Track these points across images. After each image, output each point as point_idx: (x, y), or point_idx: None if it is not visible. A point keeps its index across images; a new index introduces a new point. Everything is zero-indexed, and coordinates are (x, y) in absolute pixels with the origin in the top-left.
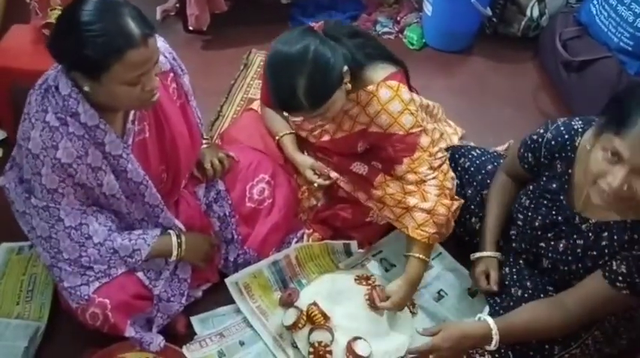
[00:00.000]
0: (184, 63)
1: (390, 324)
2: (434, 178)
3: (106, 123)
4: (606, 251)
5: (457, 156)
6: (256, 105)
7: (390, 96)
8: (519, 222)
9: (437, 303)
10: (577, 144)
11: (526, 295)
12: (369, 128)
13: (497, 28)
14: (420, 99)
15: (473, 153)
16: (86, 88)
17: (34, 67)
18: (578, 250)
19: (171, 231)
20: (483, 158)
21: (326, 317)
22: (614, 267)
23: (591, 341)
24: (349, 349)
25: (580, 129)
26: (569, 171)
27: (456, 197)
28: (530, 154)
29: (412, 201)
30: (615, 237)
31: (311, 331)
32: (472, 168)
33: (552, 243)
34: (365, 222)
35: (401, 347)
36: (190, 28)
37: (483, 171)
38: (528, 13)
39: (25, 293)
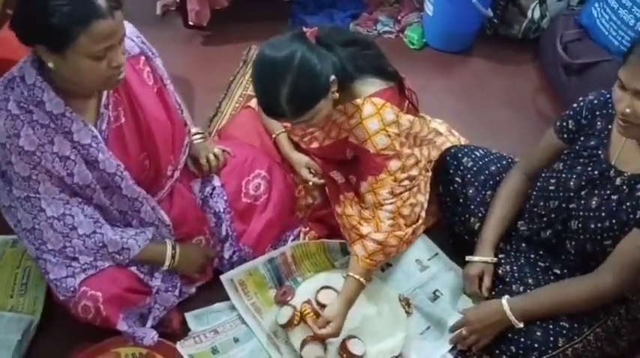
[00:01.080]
0: (184, 58)
1: (385, 324)
2: (391, 204)
3: (73, 111)
4: None
5: (460, 155)
6: (254, 103)
7: (371, 112)
8: (551, 187)
9: (432, 303)
10: None
11: (528, 291)
12: (349, 137)
13: (497, 29)
14: (413, 122)
15: (476, 153)
16: (50, 64)
17: None
18: (613, 204)
19: (167, 241)
20: (487, 159)
21: (319, 315)
22: None
23: (593, 337)
24: (343, 348)
25: None
26: (609, 126)
27: (417, 221)
28: (571, 121)
29: (365, 229)
30: None
31: (303, 344)
32: (475, 168)
33: (584, 201)
34: None
35: (395, 347)
36: (190, 23)
37: (486, 172)
38: (529, 14)
39: (19, 287)
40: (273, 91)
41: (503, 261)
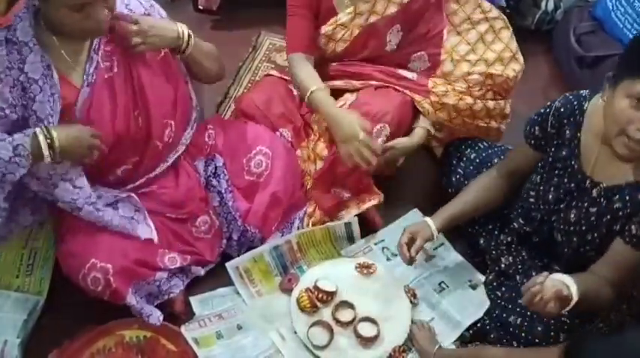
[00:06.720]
0: None
1: (389, 313)
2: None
3: (37, 43)
4: (620, 214)
5: (463, 147)
6: (275, 72)
7: None
8: (531, 199)
9: (438, 295)
10: (585, 108)
11: None
12: None
13: (510, 19)
14: None
15: (480, 145)
16: (37, 2)
17: None
18: (592, 218)
19: (37, 129)
20: (490, 151)
21: (330, 293)
22: (634, 231)
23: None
24: (356, 330)
25: (587, 96)
26: (578, 134)
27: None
28: (537, 127)
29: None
30: (627, 198)
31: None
32: (477, 160)
33: (563, 215)
34: None
35: (399, 337)
36: (200, 7)
37: (489, 164)
38: (543, 6)
39: (25, 267)
40: None
41: (506, 252)
